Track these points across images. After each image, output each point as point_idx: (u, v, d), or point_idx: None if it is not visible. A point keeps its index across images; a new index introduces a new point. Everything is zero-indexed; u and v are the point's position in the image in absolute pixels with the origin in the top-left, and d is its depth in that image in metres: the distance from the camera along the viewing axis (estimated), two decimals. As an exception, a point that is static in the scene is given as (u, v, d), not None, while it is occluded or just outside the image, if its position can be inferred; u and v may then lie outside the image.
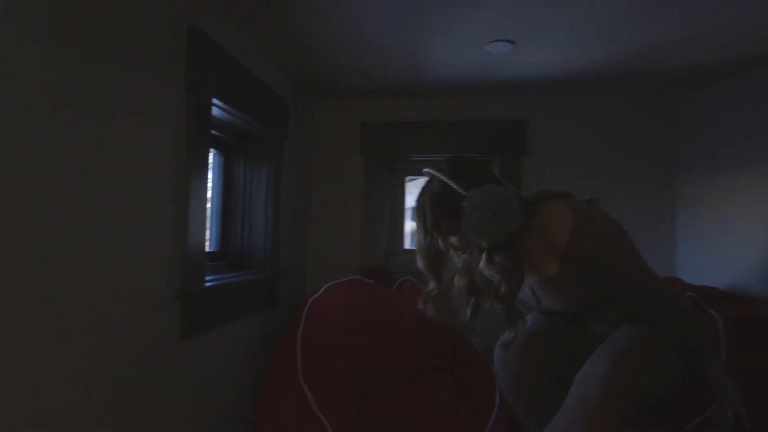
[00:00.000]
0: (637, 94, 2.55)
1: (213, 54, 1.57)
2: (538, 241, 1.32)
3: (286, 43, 1.97)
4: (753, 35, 1.80)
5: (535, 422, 1.56)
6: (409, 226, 2.84)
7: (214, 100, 1.60)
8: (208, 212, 2.04)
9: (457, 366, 2.20)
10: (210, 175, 2.04)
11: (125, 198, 1.22)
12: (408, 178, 2.89)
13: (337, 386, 1.88)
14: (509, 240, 1.30)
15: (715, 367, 1.38)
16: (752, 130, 2.11)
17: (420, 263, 1.43)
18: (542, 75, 2.27)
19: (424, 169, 1.45)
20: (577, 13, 1.66)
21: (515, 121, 2.62)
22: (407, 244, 2.84)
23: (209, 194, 2.03)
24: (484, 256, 1.38)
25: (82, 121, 1.08)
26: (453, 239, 1.36)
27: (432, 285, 1.45)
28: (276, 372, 1.89)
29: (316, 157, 2.73)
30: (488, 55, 2.03)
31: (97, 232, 1.13)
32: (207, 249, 1.97)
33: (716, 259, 2.26)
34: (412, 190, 5.35)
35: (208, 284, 1.59)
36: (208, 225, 2.02)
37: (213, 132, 1.87)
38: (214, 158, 2.07)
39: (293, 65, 2.21)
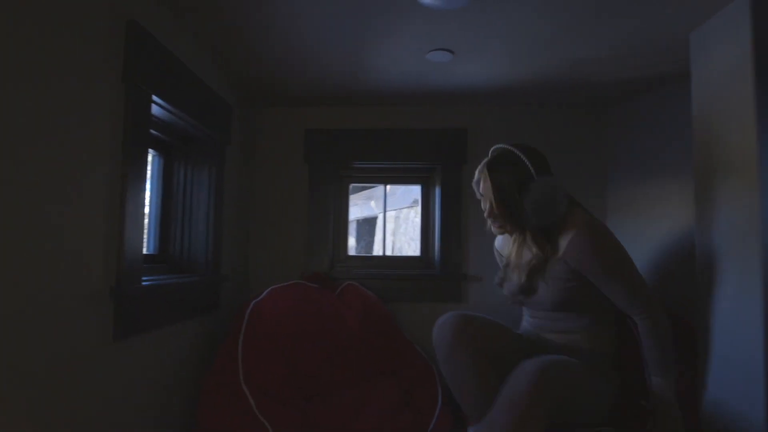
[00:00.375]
0: (568, 107, 2.70)
1: (154, 50, 1.56)
2: (564, 236, 1.59)
3: (231, 49, 1.97)
4: (671, 54, 1.95)
5: (468, 407, 1.62)
6: (353, 233, 2.86)
7: (154, 97, 1.58)
8: (147, 214, 2.00)
9: (400, 369, 2.23)
10: (149, 176, 2.00)
11: (58, 193, 1.19)
12: (351, 186, 2.92)
13: (279, 390, 1.87)
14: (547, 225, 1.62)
15: (670, 380, 1.54)
16: (669, 141, 2.28)
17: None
18: (481, 85, 2.37)
19: (497, 146, 1.72)
20: (514, 26, 1.76)
21: (456, 130, 2.71)
22: (351, 251, 2.86)
23: (147, 196, 1.99)
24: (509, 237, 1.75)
25: (14, 113, 1.05)
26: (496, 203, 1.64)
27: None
28: (217, 376, 1.86)
29: (260, 162, 2.72)
30: (428, 64, 2.11)
31: (27, 228, 1.09)
32: (145, 251, 1.93)
33: (640, 264, 2.40)
34: (357, 202, 5.46)
35: (145, 284, 1.55)
36: (146, 227, 1.98)
37: (153, 132, 1.83)
38: (153, 160, 2.03)
39: (237, 71, 2.21)
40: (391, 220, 5.15)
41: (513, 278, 1.76)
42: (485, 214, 1.73)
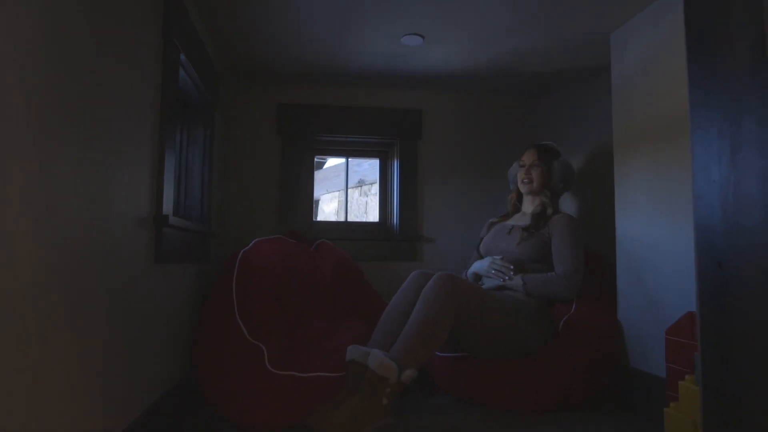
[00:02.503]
0: (509, 94, 3.15)
1: (181, 11, 1.77)
2: (555, 216, 2.40)
3: (225, 23, 2.20)
4: (592, 51, 2.43)
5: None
6: (322, 201, 3.15)
7: (182, 57, 1.79)
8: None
9: (367, 311, 2.56)
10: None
11: (116, 140, 1.39)
12: (317, 158, 3.20)
13: (268, 320, 2.13)
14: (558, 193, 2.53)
15: (526, 287, 2.27)
16: (588, 129, 2.78)
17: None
18: (442, 69, 2.75)
19: (537, 143, 2.61)
20: (479, 15, 2.13)
21: (413, 110, 3.07)
22: (317, 216, 3.13)
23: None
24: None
25: (74, 63, 1.21)
26: (536, 171, 2.48)
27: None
28: (214, 310, 2.09)
29: (238, 132, 2.93)
30: (401, 47, 2.45)
31: (94, 164, 1.30)
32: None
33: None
34: (331, 176, 5.62)
35: (171, 222, 1.76)
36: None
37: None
38: (153, 119, 2.20)
39: (226, 44, 2.43)
40: (334, 201, 5.45)
41: (504, 237, 2.44)
42: (525, 178, 2.51)
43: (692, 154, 0.79)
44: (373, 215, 5.34)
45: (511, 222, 2.51)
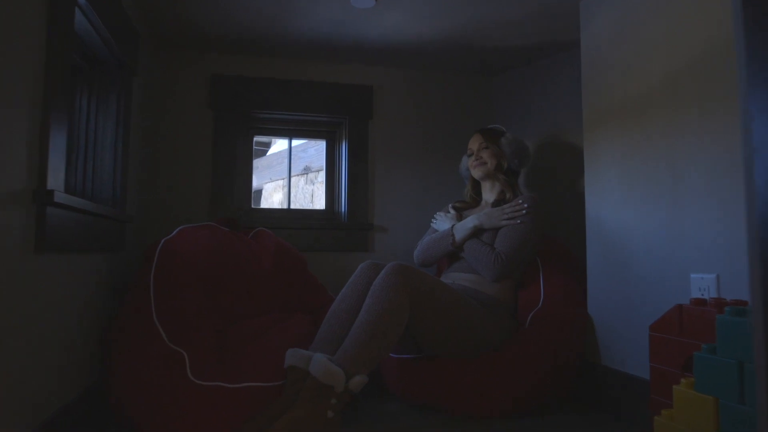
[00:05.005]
0: (464, 72, 2.93)
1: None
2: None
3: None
4: (561, 23, 2.23)
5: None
6: (266, 190, 2.83)
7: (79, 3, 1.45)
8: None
9: (313, 307, 2.28)
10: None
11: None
12: (258, 144, 2.88)
13: (192, 321, 1.81)
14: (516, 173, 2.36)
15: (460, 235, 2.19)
16: (557, 109, 2.59)
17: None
18: (394, 40, 2.48)
19: (479, 129, 2.44)
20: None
21: (363, 86, 2.80)
22: (254, 203, 2.82)
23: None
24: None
25: None
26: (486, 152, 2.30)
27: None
28: (129, 310, 1.76)
29: (164, 105, 2.56)
30: (351, 11, 2.17)
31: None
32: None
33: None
34: (274, 164, 5.18)
35: (58, 200, 1.41)
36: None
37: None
38: (52, 81, 1.84)
39: (144, 7, 2.07)
40: (279, 191, 5.10)
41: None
42: (475, 162, 2.31)
43: (747, 135, 0.55)
44: (319, 204, 5.04)
45: (470, 215, 2.29)
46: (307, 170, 4.85)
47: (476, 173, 2.32)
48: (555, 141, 2.60)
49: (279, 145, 5.29)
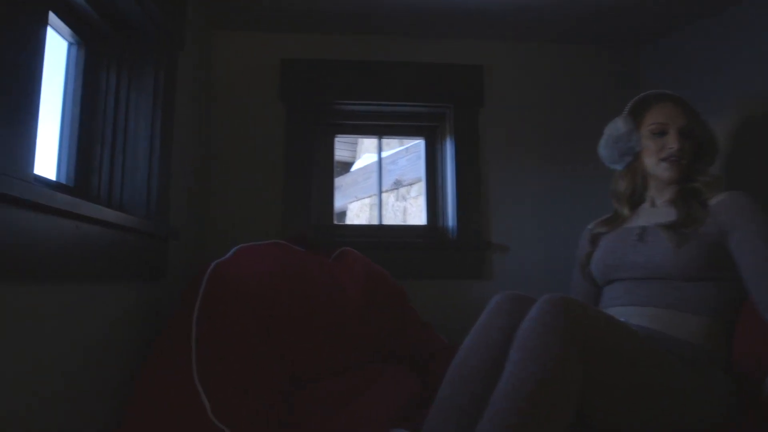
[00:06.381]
0: (597, 44, 2.23)
1: None
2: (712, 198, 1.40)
3: None
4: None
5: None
6: (350, 211, 2.27)
7: None
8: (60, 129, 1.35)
9: (417, 354, 1.64)
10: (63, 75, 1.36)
11: None
12: (341, 155, 2.33)
13: (249, 384, 1.24)
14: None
15: None
16: (717, 80, 1.84)
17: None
18: (510, 4, 1.85)
19: (668, 94, 1.54)
20: None
21: (470, 66, 2.18)
22: (338, 219, 2.26)
23: (59, 101, 1.34)
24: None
25: None
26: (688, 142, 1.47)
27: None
28: (159, 366, 1.21)
29: (222, 97, 2.08)
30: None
31: None
32: (54, 178, 1.27)
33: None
34: (360, 180, 4.50)
35: (37, 198, 0.89)
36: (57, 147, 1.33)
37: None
38: (70, 50, 1.38)
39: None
40: (366, 210, 4.56)
41: (633, 246, 1.45)
42: (673, 150, 1.44)
43: None
44: (416, 221, 4.41)
45: (635, 223, 1.55)
46: (398, 184, 4.25)
47: (668, 172, 1.46)
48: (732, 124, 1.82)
49: (364, 159, 4.76)
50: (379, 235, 2.19)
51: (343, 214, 4.71)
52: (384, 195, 4.15)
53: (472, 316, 1.99)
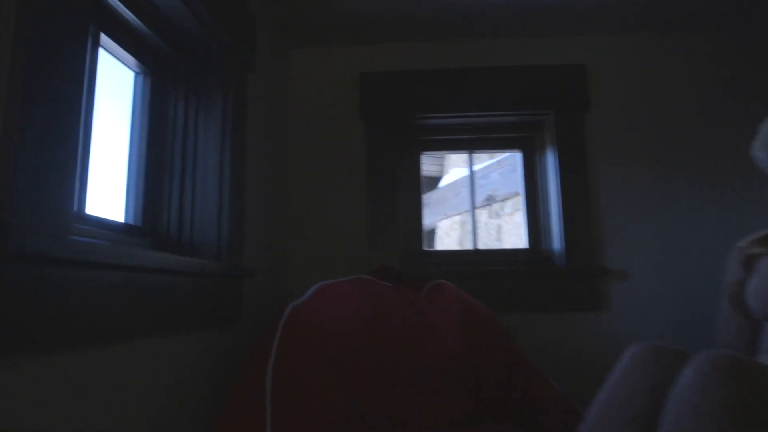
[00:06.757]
0: (728, 29, 1.87)
1: None
2: None
3: None
4: None
5: None
6: (440, 229, 2.06)
7: None
8: (126, 164, 1.26)
9: (528, 411, 1.38)
10: (131, 105, 1.27)
11: None
12: (424, 173, 2.13)
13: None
14: None
15: None
16: None
17: None
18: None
19: None
20: None
21: (572, 67, 1.91)
22: (427, 236, 2.05)
23: (126, 134, 1.26)
24: None
25: None
26: None
27: None
28: (233, 419, 1.07)
29: (297, 117, 1.96)
30: None
31: None
32: (122, 220, 1.18)
33: None
34: (449, 197, 4.14)
35: (74, 255, 0.76)
36: (125, 185, 1.24)
37: (126, 16, 1.10)
38: (136, 80, 1.29)
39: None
40: (456, 228, 4.32)
41: None
42: None
43: None
44: (511, 243, 4.09)
45: None
46: (490, 200, 3.96)
47: None
48: None
49: (452, 175, 4.52)
50: (474, 262, 1.96)
51: (432, 232, 4.49)
52: (476, 212, 3.89)
53: (588, 357, 1.71)
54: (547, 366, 1.61)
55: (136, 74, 1.29)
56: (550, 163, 1.91)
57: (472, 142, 2.07)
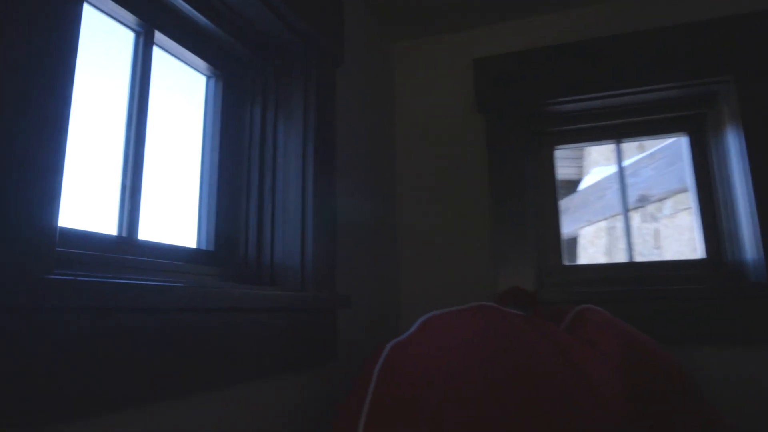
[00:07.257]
0: None
1: None
2: None
3: None
4: None
5: None
6: (582, 238, 1.70)
7: None
8: (197, 185, 1.11)
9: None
10: (203, 116, 1.12)
11: None
12: (560, 176, 1.76)
13: None
14: None
15: None
16: None
17: None
18: None
19: None
20: None
21: (756, 15, 1.44)
22: (569, 258, 1.68)
23: (197, 149, 1.10)
24: None
25: None
26: None
27: None
28: None
29: (401, 118, 1.72)
30: None
31: None
32: (193, 245, 1.01)
33: None
34: (592, 200, 3.53)
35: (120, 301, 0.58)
36: (198, 208, 1.08)
37: (196, 17, 0.94)
38: (208, 84, 1.14)
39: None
40: (602, 235, 3.76)
41: None
42: None
43: None
44: (673, 251, 3.41)
45: None
46: (643, 201, 3.35)
47: None
48: None
49: (594, 175, 3.96)
50: (631, 279, 1.54)
51: (572, 241, 3.96)
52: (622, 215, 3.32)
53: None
54: (741, 415, 1.17)
55: (207, 78, 1.13)
56: (732, 145, 1.45)
57: (618, 128, 1.67)
